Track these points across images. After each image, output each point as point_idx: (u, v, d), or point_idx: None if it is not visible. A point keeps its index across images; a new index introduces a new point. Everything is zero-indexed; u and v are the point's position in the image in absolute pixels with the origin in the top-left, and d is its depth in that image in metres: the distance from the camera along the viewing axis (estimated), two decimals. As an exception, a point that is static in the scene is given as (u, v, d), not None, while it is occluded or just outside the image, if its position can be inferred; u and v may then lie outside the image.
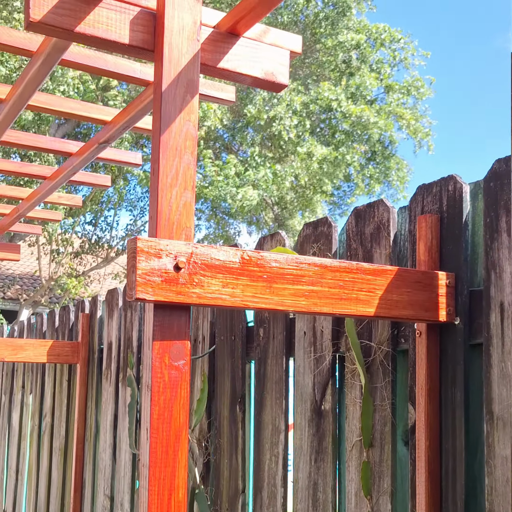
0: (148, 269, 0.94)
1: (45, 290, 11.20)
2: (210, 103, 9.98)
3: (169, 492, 0.99)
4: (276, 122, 11.02)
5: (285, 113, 11.08)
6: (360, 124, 11.58)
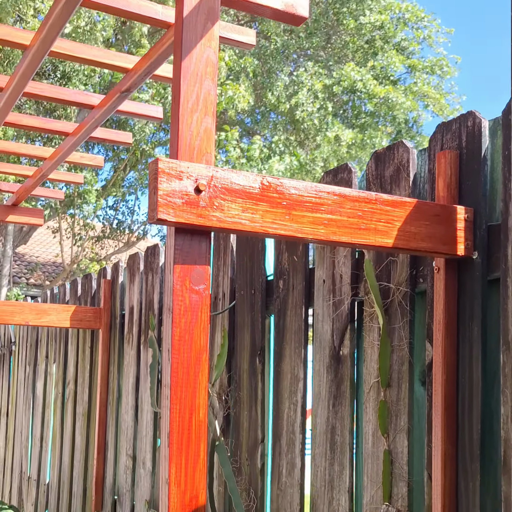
0: (170, 190, 0.96)
1: (67, 274, 11.32)
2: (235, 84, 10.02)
3: (190, 411, 1.01)
4: (299, 110, 11.00)
5: (307, 99, 11.06)
6: (385, 104, 11.51)
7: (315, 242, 1.07)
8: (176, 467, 1.00)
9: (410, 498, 1.28)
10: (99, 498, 2.67)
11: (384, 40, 12.80)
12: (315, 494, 1.52)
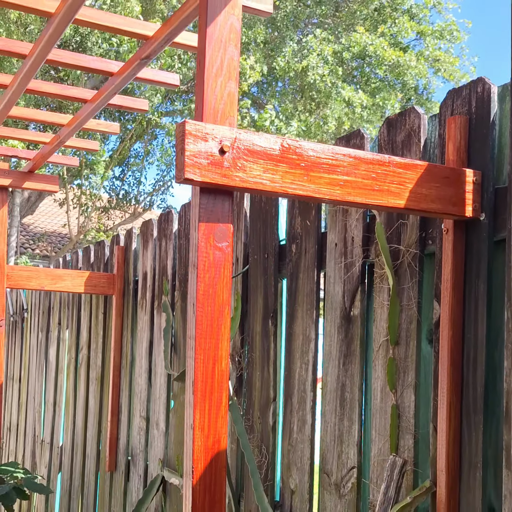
0: (196, 151, 1.01)
1: (74, 245, 11.41)
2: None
3: (213, 361, 1.07)
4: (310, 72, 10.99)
5: (317, 63, 11.04)
6: (394, 70, 11.49)
7: (331, 202, 1.13)
8: (200, 413, 1.06)
9: (416, 449, 1.35)
10: (113, 459, 2.76)
11: (393, 8, 12.72)
12: (325, 449, 1.60)
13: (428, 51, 12.13)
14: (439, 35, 12.51)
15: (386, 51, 11.29)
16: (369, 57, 11.51)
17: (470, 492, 1.22)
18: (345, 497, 1.52)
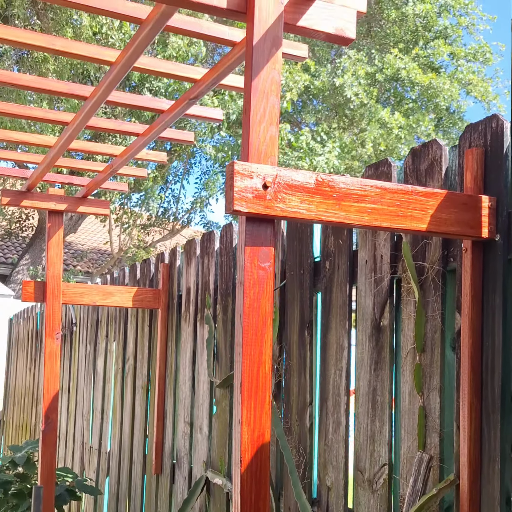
0: (243, 187, 1.19)
1: (115, 261, 11.74)
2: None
3: (258, 365, 1.24)
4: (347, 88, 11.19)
5: (352, 82, 11.23)
6: (426, 92, 11.61)
7: (360, 227, 1.29)
8: (247, 410, 1.23)
9: (441, 446, 1.50)
10: (159, 462, 2.94)
11: (426, 29, 12.85)
12: (358, 448, 1.75)
13: (462, 74, 12.23)
14: (472, 57, 12.59)
15: (418, 76, 11.43)
16: (402, 79, 11.67)
17: (490, 483, 1.36)
18: (378, 492, 1.66)
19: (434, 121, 12.29)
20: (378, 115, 11.15)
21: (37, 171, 2.52)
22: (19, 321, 6.65)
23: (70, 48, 1.62)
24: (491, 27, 14.06)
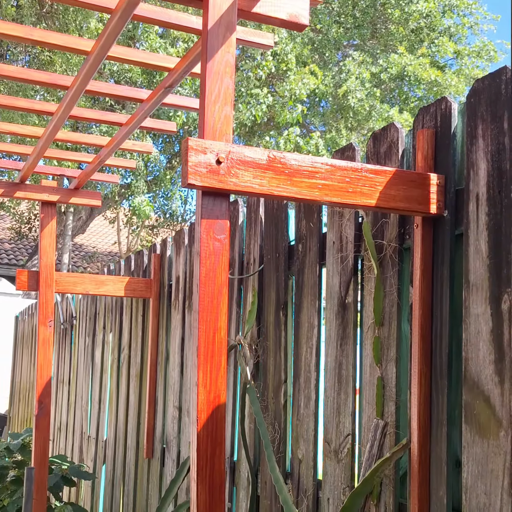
0: (197, 162, 1.27)
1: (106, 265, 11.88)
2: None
3: (214, 331, 1.32)
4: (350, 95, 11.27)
5: (356, 86, 11.31)
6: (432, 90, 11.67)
7: (311, 202, 1.37)
8: (203, 373, 1.31)
9: (397, 414, 1.57)
10: (150, 447, 3.03)
11: (430, 28, 12.92)
12: (326, 420, 1.82)
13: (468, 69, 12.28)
14: (476, 55, 12.65)
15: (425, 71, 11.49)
16: (408, 77, 11.73)
17: (438, 445, 1.43)
18: (342, 461, 1.74)
19: None
20: (385, 114, 11.23)
21: (28, 162, 2.62)
22: (24, 318, 6.78)
23: (47, 38, 1.72)
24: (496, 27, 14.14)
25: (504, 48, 13.18)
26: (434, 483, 1.44)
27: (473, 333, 1.35)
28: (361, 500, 1.56)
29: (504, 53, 12.98)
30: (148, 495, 3.03)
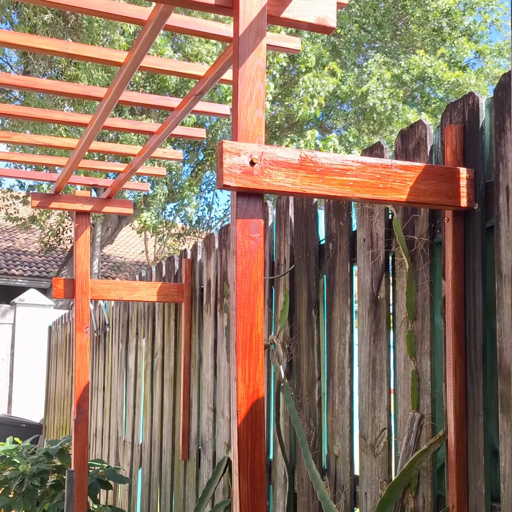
0: (231, 164, 1.31)
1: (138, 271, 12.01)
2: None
3: (251, 327, 1.36)
4: (370, 96, 11.29)
5: (377, 87, 11.32)
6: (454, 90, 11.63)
7: (343, 199, 1.40)
8: (242, 368, 1.35)
9: (433, 406, 1.59)
10: (186, 449, 3.07)
11: (452, 27, 12.88)
12: (361, 416, 1.85)
13: (488, 68, 12.22)
14: (498, 53, 12.57)
15: (445, 73, 11.46)
16: (429, 78, 11.72)
17: (475, 436, 1.45)
18: (379, 456, 1.76)
19: None
20: (405, 116, 11.22)
21: (62, 173, 2.69)
22: (58, 327, 6.89)
23: (82, 51, 1.78)
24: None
25: (526, 45, 13.09)
26: (472, 473, 1.46)
27: (507, 323, 1.37)
28: (399, 492, 1.58)
29: (527, 50, 12.91)
30: (185, 496, 3.07)
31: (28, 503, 3.20)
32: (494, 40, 12.89)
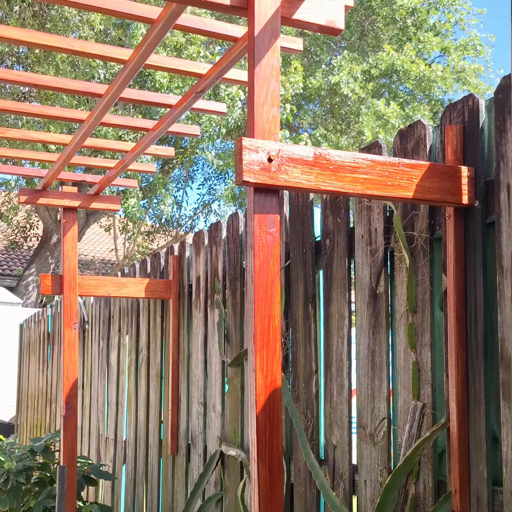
0: (250, 160, 1.36)
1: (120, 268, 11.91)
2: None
3: (268, 319, 1.41)
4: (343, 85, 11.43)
5: (348, 78, 11.47)
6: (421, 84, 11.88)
7: (354, 195, 1.46)
8: (260, 359, 1.40)
9: (433, 396, 1.66)
10: (175, 444, 3.10)
11: (417, 26, 13.12)
12: (360, 406, 1.91)
13: (454, 62, 12.51)
14: (463, 49, 12.87)
15: (413, 64, 11.68)
16: (397, 72, 11.93)
17: (476, 423, 1.52)
18: (378, 444, 1.82)
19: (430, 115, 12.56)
20: (374, 109, 11.40)
21: (52, 169, 2.69)
22: (30, 325, 6.82)
23: (87, 48, 1.80)
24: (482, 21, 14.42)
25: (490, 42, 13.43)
26: (474, 458, 1.53)
27: (508, 314, 1.44)
28: (403, 478, 1.65)
29: (490, 47, 13.22)
30: (174, 491, 3.10)
31: (13, 500, 3.18)
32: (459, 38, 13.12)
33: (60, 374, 5.35)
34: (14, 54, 9.79)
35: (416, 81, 12.05)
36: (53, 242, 12.11)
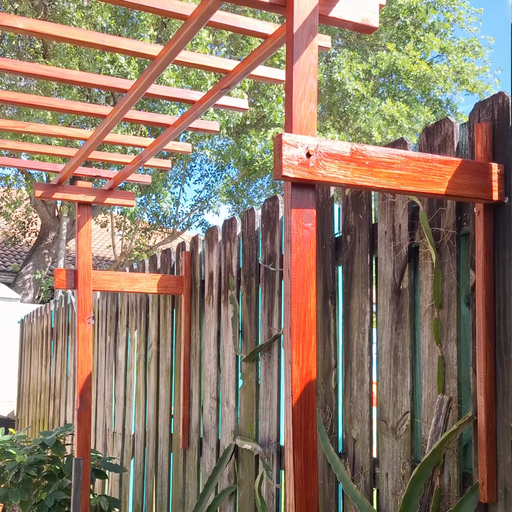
0: (290, 155, 1.38)
1: (117, 265, 11.90)
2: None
3: (304, 312, 1.43)
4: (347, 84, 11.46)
5: (349, 77, 11.51)
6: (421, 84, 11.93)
7: (389, 191, 1.48)
8: (296, 351, 1.42)
9: (459, 390, 1.69)
10: (186, 438, 3.12)
11: (416, 25, 13.18)
12: (381, 400, 1.94)
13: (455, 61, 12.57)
14: (462, 50, 12.94)
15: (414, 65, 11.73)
16: (397, 71, 11.98)
17: (504, 415, 1.55)
18: (401, 438, 1.85)
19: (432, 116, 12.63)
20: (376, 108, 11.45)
21: (69, 164, 2.70)
22: (32, 320, 6.81)
23: (117, 44, 1.81)
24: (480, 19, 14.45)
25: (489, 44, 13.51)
26: (501, 450, 1.56)
27: (539, 309, 1.47)
28: (430, 471, 1.68)
29: (489, 48, 13.29)
30: (185, 484, 3.11)
31: (24, 493, 3.19)
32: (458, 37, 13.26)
33: (64, 369, 5.36)
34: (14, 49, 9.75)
35: (416, 81, 12.11)
36: (50, 239, 12.08)
